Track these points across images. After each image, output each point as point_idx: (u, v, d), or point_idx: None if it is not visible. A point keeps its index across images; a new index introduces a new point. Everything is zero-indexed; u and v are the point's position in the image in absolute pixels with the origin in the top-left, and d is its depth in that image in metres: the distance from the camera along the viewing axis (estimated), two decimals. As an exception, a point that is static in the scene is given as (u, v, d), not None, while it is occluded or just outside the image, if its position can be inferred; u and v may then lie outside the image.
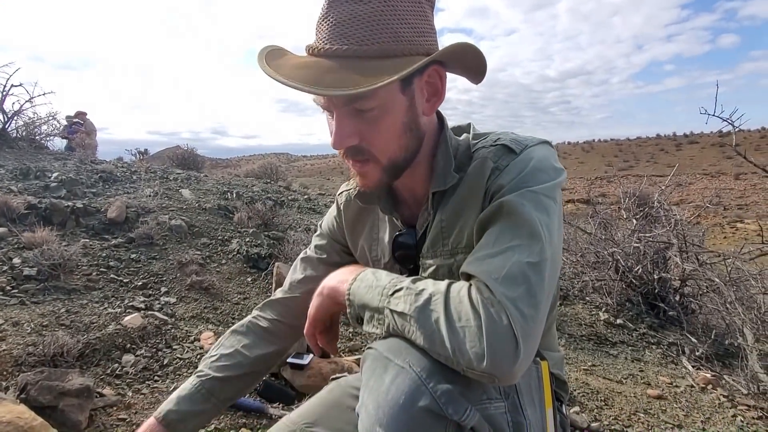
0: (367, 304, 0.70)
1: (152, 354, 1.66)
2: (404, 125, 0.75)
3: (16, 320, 1.68)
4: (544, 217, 0.68)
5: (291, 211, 4.12)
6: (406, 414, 0.58)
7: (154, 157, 8.06)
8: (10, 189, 3.01)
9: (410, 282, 0.67)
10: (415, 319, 0.62)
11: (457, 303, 0.61)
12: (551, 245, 0.67)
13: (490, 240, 0.68)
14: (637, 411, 2.00)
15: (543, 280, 0.63)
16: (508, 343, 0.57)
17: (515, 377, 0.59)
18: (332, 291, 0.79)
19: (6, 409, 1.14)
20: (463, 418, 0.59)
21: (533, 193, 0.70)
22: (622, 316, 3.43)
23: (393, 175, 0.79)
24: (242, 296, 2.37)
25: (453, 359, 0.59)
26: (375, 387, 0.63)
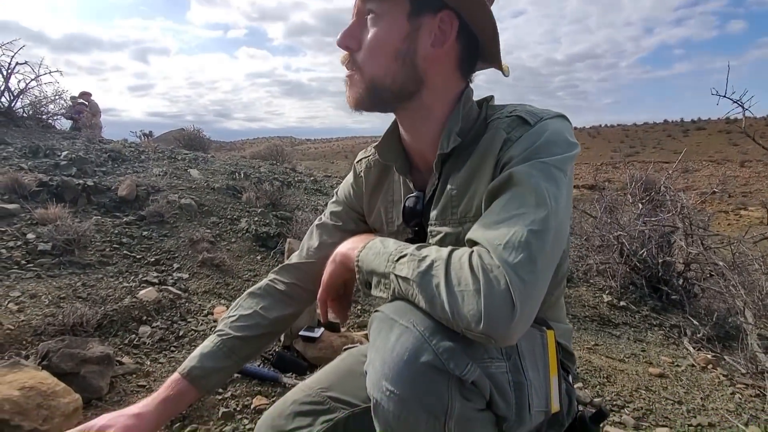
0: (374, 269, 0.72)
1: (168, 326, 1.71)
2: (397, 51, 0.77)
3: (33, 293, 1.72)
4: (552, 188, 0.69)
5: (298, 192, 4.14)
6: (410, 368, 0.61)
7: (159, 139, 8.06)
8: (20, 167, 3.04)
9: (415, 249, 0.69)
10: (417, 284, 0.64)
11: (457, 269, 0.62)
12: (557, 215, 0.67)
13: (497, 208, 0.69)
14: (638, 388, 2.04)
15: (545, 247, 0.64)
16: (505, 306, 0.58)
17: (512, 339, 0.60)
18: (344, 258, 0.81)
19: (28, 375, 1.19)
20: (464, 373, 0.61)
21: (543, 164, 0.71)
22: (626, 298, 3.47)
23: (374, 98, 0.81)
24: (252, 273, 2.41)
25: (453, 322, 0.61)
26: (381, 345, 0.66)
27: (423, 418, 0.61)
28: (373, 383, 0.64)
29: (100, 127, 6.68)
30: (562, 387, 0.85)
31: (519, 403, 0.69)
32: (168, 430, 1.22)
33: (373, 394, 0.64)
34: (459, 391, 0.62)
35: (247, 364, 1.50)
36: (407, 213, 0.92)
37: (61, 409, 1.14)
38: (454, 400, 0.61)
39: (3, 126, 4.34)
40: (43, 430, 1.09)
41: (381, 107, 0.84)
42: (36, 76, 5.04)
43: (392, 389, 0.61)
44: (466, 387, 0.63)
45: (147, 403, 0.88)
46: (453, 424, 0.62)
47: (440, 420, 0.62)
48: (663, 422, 1.78)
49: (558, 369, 0.83)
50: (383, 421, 0.64)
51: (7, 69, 4.83)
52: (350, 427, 0.96)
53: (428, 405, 0.61)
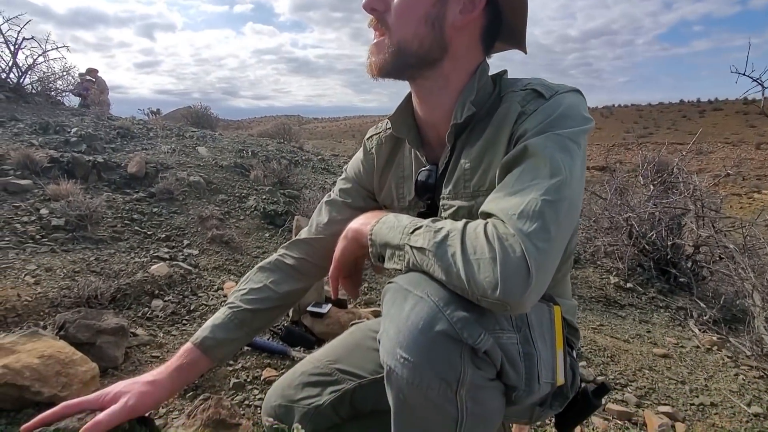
0: (388, 242, 0.73)
1: (179, 300, 1.75)
2: (427, 14, 0.77)
3: (49, 266, 1.76)
4: (566, 159, 0.69)
5: (305, 170, 4.14)
6: (424, 337, 0.62)
7: (167, 117, 8.05)
8: (31, 143, 3.06)
9: (429, 222, 0.70)
10: (433, 254, 0.65)
11: (473, 238, 0.63)
12: (570, 187, 0.68)
13: (511, 181, 0.70)
14: (642, 368, 2.06)
15: (559, 217, 0.65)
16: (521, 273, 0.59)
17: (526, 306, 0.62)
18: (356, 233, 0.82)
19: (47, 344, 1.23)
20: (478, 342, 0.62)
21: (558, 135, 0.71)
22: (633, 280, 3.47)
23: (399, 63, 0.81)
24: (261, 250, 2.44)
25: (468, 290, 0.62)
26: (395, 315, 0.67)
27: (435, 384, 0.63)
28: (387, 351, 0.65)
29: (108, 104, 6.68)
30: (567, 361, 0.87)
31: (528, 373, 0.70)
32: (181, 399, 1.26)
33: (387, 361, 0.65)
34: (471, 360, 0.64)
35: (257, 337, 1.54)
36: (420, 187, 0.92)
37: (79, 377, 1.18)
38: (466, 369, 0.63)
39: (13, 102, 4.36)
40: (62, 396, 1.13)
41: (403, 74, 0.84)
42: (43, 51, 5.02)
43: (406, 356, 0.63)
44: (478, 356, 0.64)
45: (161, 371, 0.91)
46: (464, 392, 0.64)
47: (452, 387, 0.63)
48: (665, 401, 1.81)
49: (564, 344, 0.85)
50: (396, 388, 0.66)
51: (14, 44, 4.82)
52: (357, 397, 0.99)
53: (441, 372, 0.62)
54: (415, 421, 0.69)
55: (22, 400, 1.11)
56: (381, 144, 1.02)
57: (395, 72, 0.83)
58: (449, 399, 0.65)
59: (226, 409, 1.12)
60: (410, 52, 0.79)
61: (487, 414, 0.70)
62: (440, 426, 0.68)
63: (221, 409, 1.11)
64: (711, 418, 1.73)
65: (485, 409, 0.69)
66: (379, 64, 0.82)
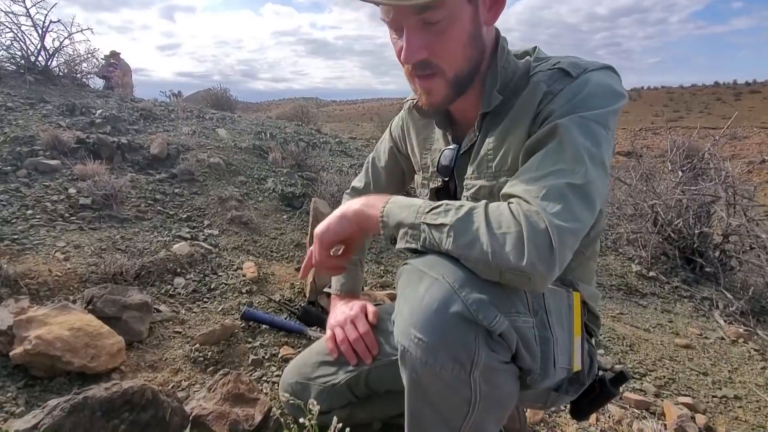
0: (401, 221, 0.73)
1: (200, 278, 1.79)
2: (470, 35, 0.76)
3: (77, 243, 1.83)
4: (590, 144, 0.68)
5: (323, 153, 4.14)
6: (439, 318, 0.63)
7: (188, 100, 8.15)
8: (59, 124, 3.15)
9: (447, 202, 0.70)
10: (455, 229, 0.65)
11: (497, 214, 0.64)
12: (595, 172, 0.67)
13: (534, 164, 0.69)
14: (662, 357, 2.02)
15: (581, 200, 0.65)
16: (546, 247, 0.60)
17: (548, 280, 0.62)
18: (357, 215, 0.81)
19: (76, 318, 1.28)
20: (493, 324, 0.63)
21: (583, 119, 0.69)
22: (656, 269, 3.38)
23: (458, 89, 0.81)
24: (279, 232, 2.47)
25: (491, 262, 0.62)
26: (410, 295, 0.67)
27: (449, 366, 0.63)
28: (402, 331, 0.66)
29: (131, 86, 6.78)
30: (584, 348, 0.87)
31: (544, 357, 0.71)
32: (202, 373, 1.30)
33: (401, 341, 0.67)
34: (486, 342, 0.64)
35: (275, 317, 1.57)
36: (441, 168, 0.95)
37: (107, 349, 1.23)
38: (480, 351, 0.63)
39: (41, 84, 4.48)
40: (91, 366, 1.18)
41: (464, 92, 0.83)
42: (69, 34, 5.10)
43: (420, 337, 0.63)
44: (493, 339, 0.65)
45: (346, 303, 1.12)
46: (478, 374, 0.65)
47: (466, 369, 0.64)
48: (686, 392, 1.77)
49: (582, 330, 0.84)
50: (410, 368, 0.67)
51: (42, 27, 4.91)
52: (371, 378, 1.01)
53: (455, 354, 0.63)
54: (428, 401, 0.70)
55: (54, 369, 1.16)
56: (412, 110, 1.04)
57: (457, 96, 0.83)
58: (463, 380, 0.65)
59: (245, 384, 1.16)
60: (466, 74, 0.80)
61: (500, 396, 0.70)
62: (453, 407, 0.69)
63: (240, 384, 1.15)
64: (734, 411, 1.69)
65: (499, 391, 0.69)
66: (440, 101, 0.82)
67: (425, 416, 0.72)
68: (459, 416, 0.69)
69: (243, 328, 1.50)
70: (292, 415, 1.10)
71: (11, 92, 3.79)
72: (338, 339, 1.05)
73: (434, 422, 0.71)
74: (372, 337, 1.03)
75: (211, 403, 1.08)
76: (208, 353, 1.36)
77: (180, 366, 1.30)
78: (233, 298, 1.71)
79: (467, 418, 0.70)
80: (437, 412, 0.70)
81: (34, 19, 4.91)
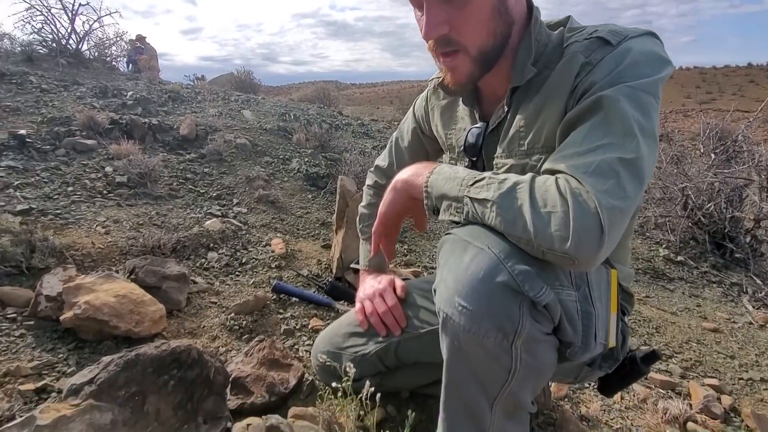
0: (445, 194, 0.72)
1: (232, 253, 1.86)
2: (493, 8, 0.73)
3: (116, 218, 1.91)
4: (640, 115, 0.64)
5: (345, 134, 4.16)
6: (484, 287, 0.63)
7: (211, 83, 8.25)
8: (93, 105, 3.25)
9: (492, 174, 0.69)
10: (498, 205, 0.63)
11: (542, 191, 0.61)
12: (646, 145, 0.64)
13: (578, 138, 0.66)
14: (689, 340, 2.00)
15: (633, 176, 0.62)
16: (594, 229, 0.57)
17: (595, 262, 0.60)
18: (406, 184, 0.82)
19: (120, 286, 1.36)
20: (539, 295, 0.62)
21: (630, 88, 0.65)
22: (684, 253, 3.31)
23: (484, 66, 0.78)
24: (304, 211, 2.52)
25: (533, 242, 0.60)
26: (454, 265, 0.67)
27: (492, 334, 0.63)
28: (445, 299, 0.66)
29: (157, 69, 6.91)
30: (618, 325, 0.85)
31: (586, 331, 0.70)
32: (237, 340, 1.37)
33: (444, 309, 0.67)
34: (530, 312, 0.64)
35: (304, 290, 1.62)
36: (468, 147, 0.92)
37: (149, 316, 1.30)
38: (524, 321, 0.63)
39: (74, 67, 4.61)
40: (135, 331, 1.26)
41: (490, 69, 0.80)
42: (98, 17, 5.22)
43: (465, 305, 0.63)
44: (538, 310, 0.64)
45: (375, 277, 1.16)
46: (520, 343, 0.65)
47: (509, 338, 0.64)
48: (712, 374, 1.76)
49: (618, 308, 0.83)
50: (452, 335, 0.68)
51: (71, 11, 5.03)
52: (401, 349, 1.03)
53: (499, 322, 0.63)
54: (467, 368, 0.70)
55: (102, 333, 1.24)
56: (437, 89, 1.02)
57: (482, 74, 0.80)
58: (505, 349, 0.65)
59: (280, 351, 1.21)
60: (492, 49, 0.76)
61: (540, 367, 0.71)
62: (493, 375, 0.69)
63: (275, 350, 1.21)
64: (759, 394, 1.67)
65: (539, 361, 0.69)
66: (465, 79, 0.79)
67: (463, 383, 0.72)
68: (497, 384, 0.70)
69: (274, 300, 1.56)
70: (324, 381, 1.15)
71: (45, 74, 3.92)
72: (367, 311, 1.07)
73: (472, 389, 0.72)
74: (400, 311, 1.05)
75: (248, 367, 1.14)
76: (242, 322, 1.42)
77: (217, 333, 1.37)
78: (263, 273, 1.77)
79: (505, 386, 0.70)
80: (476, 379, 0.71)
81: (64, 2, 5.04)
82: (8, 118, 2.70)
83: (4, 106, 2.83)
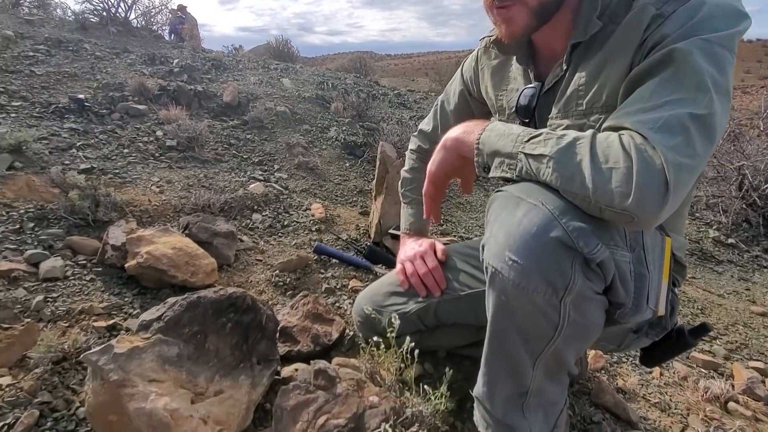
0: (498, 150, 0.71)
1: (275, 216, 1.93)
2: None
3: (169, 179, 2.02)
4: (714, 70, 0.61)
5: (382, 104, 4.13)
6: (537, 242, 0.62)
7: (250, 53, 8.32)
8: (142, 72, 3.38)
9: (549, 130, 0.67)
10: (556, 161, 0.62)
11: (604, 147, 0.59)
12: (719, 102, 0.60)
13: (645, 94, 0.63)
14: (735, 323, 1.93)
15: (704, 134, 0.59)
16: (658, 187, 0.56)
17: (654, 222, 0.59)
18: (456, 142, 0.80)
19: (176, 239, 1.45)
20: (594, 252, 0.61)
21: (705, 41, 0.62)
22: (736, 236, 3.14)
23: (542, 18, 0.76)
24: (342, 178, 2.56)
25: (591, 198, 0.59)
26: (506, 220, 0.66)
27: (542, 289, 0.63)
28: (495, 254, 0.66)
29: (199, 38, 7.03)
30: (668, 295, 0.83)
31: (638, 293, 0.69)
32: (282, 295, 1.44)
33: (493, 263, 0.67)
34: (582, 270, 0.63)
35: (344, 253, 1.67)
36: (521, 108, 0.89)
37: (203, 268, 1.39)
38: (576, 277, 0.62)
39: (123, 35, 4.78)
40: (191, 281, 1.35)
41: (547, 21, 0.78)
42: (143, -15, 5.34)
43: (516, 259, 0.63)
44: (590, 268, 0.63)
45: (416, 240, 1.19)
46: (569, 300, 0.64)
47: (558, 294, 0.63)
48: (757, 357, 1.70)
49: (669, 276, 0.81)
50: (499, 289, 0.68)
51: (119, -21, 5.16)
52: (440, 310, 1.05)
53: (550, 278, 0.62)
54: (513, 323, 0.70)
55: (161, 281, 1.34)
56: (489, 48, 0.99)
57: (540, 25, 0.77)
58: (553, 305, 0.65)
59: (323, 306, 1.27)
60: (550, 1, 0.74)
61: (587, 326, 0.70)
62: (538, 330, 0.69)
63: (318, 305, 1.27)
64: (810, 380, 1.61)
65: (587, 320, 0.69)
66: (521, 30, 0.77)
67: (508, 338, 0.72)
68: (542, 340, 0.70)
69: (316, 261, 1.63)
70: (365, 336, 1.21)
71: (98, 42, 4.08)
72: (408, 272, 1.09)
73: (516, 345, 0.72)
74: (441, 273, 1.06)
75: (294, 318, 1.21)
76: (286, 279, 1.49)
77: (263, 288, 1.45)
78: (304, 235, 1.84)
79: (550, 344, 0.70)
80: (521, 335, 0.71)
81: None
82: (67, 83, 2.86)
83: (63, 72, 2.99)
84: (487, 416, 0.83)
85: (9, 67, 2.84)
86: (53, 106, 2.43)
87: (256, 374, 0.94)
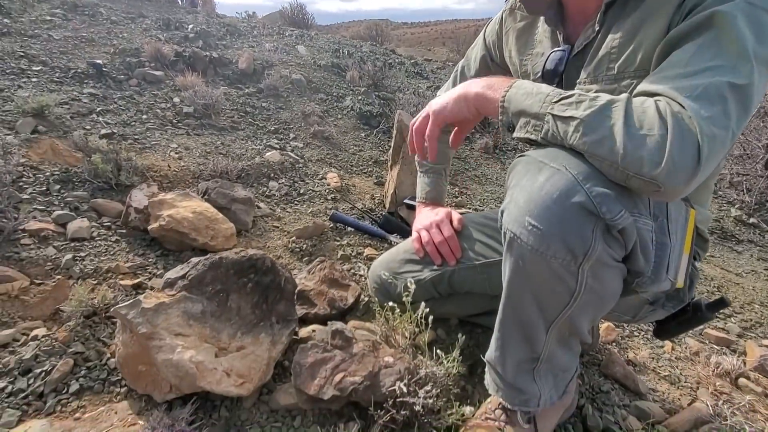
0: (524, 110, 0.69)
1: (291, 184, 1.95)
2: None
3: (187, 146, 2.04)
4: (756, 38, 0.58)
5: (399, 74, 4.05)
6: (558, 207, 0.61)
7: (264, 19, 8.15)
8: (158, 38, 3.35)
9: (581, 92, 0.65)
10: (586, 123, 0.60)
11: (640, 112, 0.58)
12: (758, 72, 0.58)
13: (683, 59, 0.60)
14: (752, 302, 1.92)
15: (741, 106, 0.57)
16: (692, 157, 0.54)
17: (681, 193, 0.58)
18: (479, 98, 0.77)
19: (196, 204, 1.48)
20: (616, 218, 0.60)
21: (749, 5, 0.59)
22: (758, 216, 3.06)
23: None
24: (358, 148, 2.55)
25: (619, 164, 0.58)
26: (527, 185, 0.65)
27: (561, 255, 0.63)
28: (514, 218, 0.66)
29: (212, 3, 6.89)
30: (688, 268, 0.82)
31: (658, 262, 0.69)
32: (299, 261, 1.48)
33: (512, 228, 0.66)
34: (603, 236, 0.62)
35: (359, 221, 1.69)
36: (547, 73, 0.86)
37: (222, 232, 1.42)
38: (596, 244, 0.62)
39: (138, 0, 4.72)
40: (211, 245, 1.39)
41: None
42: (156, -53, 5.20)
43: (535, 224, 0.62)
44: (611, 234, 0.63)
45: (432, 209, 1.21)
46: (588, 267, 0.64)
47: (577, 260, 0.63)
48: (772, 336, 1.69)
49: (691, 249, 0.80)
50: (517, 254, 0.67)
51: (133, -60, 5.04)
52: (455, 278, 1.07)
53: (570, 243, 0.62)
54: (529, 288, 0.70)
55: (182, 244, 1.38)
56: (514, 11, 0.96)
57: None
58: (571, 271, 0.65)
59: (339, 272, 1.30)
60: None
61: (604, 293, 0.70)
62: (555, 296, 0.69)
63: (335, 271, 1.29)
64: (826, 360, 1.60)
65: (604, 287, 0.68)
66: None
67: (524, 302, 0.73)
68: (557, 306, 0.70)
69: (331, 228, 1.65)
70: (380, 301, 1.23)
71: (113, 6, 4.04)
72: (424, 241, 1.10)
73: (531, 310, 0.72)
74: (456, 241, 1.07)
75: (311, 282, 1.24)
76: (303, 245, 1.52)
77: (281, 254, 1.48)
78: (320, 203, 1.85)
79: (565, 310, 0.70)
80: (536, 300, 0.71)
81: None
82: (84, 48, 2.86)
83: (80, 37, 2.99)
84: (498, 379, 0.85)
85: (27, 31, 2.84)
86: (72, 71, 2.44)
87: (276, 333, 0.97)
